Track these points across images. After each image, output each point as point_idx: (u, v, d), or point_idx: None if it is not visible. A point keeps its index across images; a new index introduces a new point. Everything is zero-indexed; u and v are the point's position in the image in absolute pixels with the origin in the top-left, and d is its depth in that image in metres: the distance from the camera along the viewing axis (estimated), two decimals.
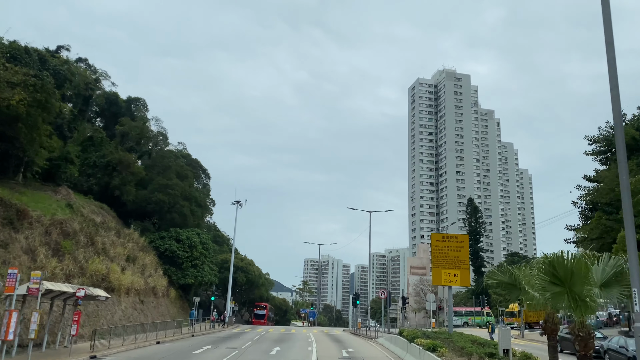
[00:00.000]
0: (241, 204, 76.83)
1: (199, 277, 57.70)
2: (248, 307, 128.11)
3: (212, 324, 51.36)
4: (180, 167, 65.94)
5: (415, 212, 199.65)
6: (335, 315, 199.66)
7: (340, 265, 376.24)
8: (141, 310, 39.51)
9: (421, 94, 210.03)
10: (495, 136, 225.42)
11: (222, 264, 77.47)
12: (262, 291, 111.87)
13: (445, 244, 28.60)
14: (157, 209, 57.76)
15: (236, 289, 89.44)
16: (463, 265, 28.19)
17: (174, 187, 59.16)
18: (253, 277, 79.76)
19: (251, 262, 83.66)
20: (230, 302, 73.87)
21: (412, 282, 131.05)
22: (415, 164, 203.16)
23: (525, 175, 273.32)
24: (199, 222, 62.95)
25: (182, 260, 56.55)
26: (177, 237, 57.14)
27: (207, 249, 60.36)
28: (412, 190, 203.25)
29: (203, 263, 58.77)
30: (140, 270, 43.62)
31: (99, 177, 56.36)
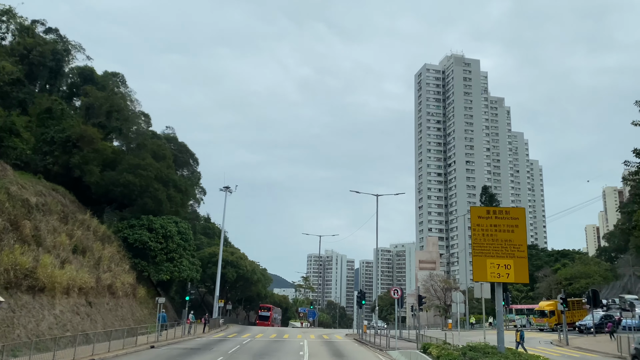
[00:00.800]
0: (230, 190, 68.25)
1: (176, 272, 49.04)
2: (245, 305, 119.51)
3: (188, 328, 42.76)
4: (158, 146, 57.26)
5: (422, 204, 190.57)
6: (339, 312, 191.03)
7: (344, 261, 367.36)
8: (87, 315, 30.82)
9: (428, 80, 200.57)
10: (505, 125, 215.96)
11: (210, 258, 68.95)
12: (259, 288, 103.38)
13: (492, 221, 19.44)
14: (125, 193, 49.07)
15: (228, 286, 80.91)
16: (519, 252, 19.14)
17: (146, 167, 50.45)
18: (245, 272, 71.16)
19: (243, 256, 75.02)
20: (218, 301, 65.33)
21: (421, 278, 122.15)
22: (423, 154, 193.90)
23: (535, 166, 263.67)
24: (178, 210, 54.29)
25: (155, 253, 47.90)
26: (149, 226, 48.48)
27: (187, 240, 51.68)
28: (419, 181, 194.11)
29: (181, 256, 50.09)
30: (92, 264, 34.96)
31: (57, 155, 47.77)
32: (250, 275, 77.53)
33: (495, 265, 19.53)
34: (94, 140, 47.47)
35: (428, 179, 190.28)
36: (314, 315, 73.11)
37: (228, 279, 69.95)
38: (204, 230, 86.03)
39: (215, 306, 64.94)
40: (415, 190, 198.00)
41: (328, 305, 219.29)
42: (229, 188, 68.41)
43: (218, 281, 65.01)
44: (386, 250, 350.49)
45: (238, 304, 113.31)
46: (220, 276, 69.89)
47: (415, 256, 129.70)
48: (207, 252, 69.96)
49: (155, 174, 51.50)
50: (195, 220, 73.98)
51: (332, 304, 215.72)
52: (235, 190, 68.74)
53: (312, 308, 75.44)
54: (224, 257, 69.17)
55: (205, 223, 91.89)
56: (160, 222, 48.90)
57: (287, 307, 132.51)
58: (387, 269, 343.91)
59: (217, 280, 65.01)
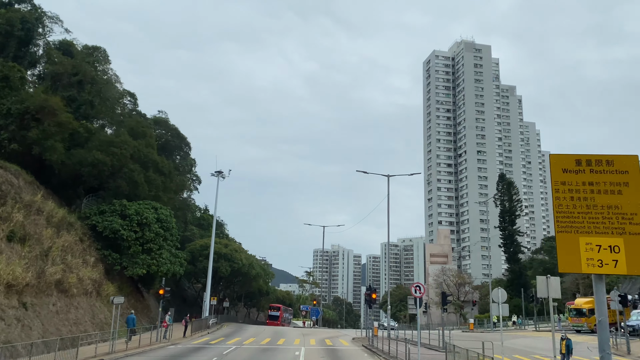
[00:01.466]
0: (223, 175, 61.31)
1: (154, 266, 42.03)
2: (245, 302, 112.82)
3: (164, 332, 35.77)
4: (137, 122, 50.24)
5: (432, 195, 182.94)
6: (345, 308, 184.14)
7: (351, 256, 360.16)
8: (17, 320, 23.81)
9: (437, 67, 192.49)
10: (517, 114, 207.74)
11: (202, 251, 62.00)
12: (260, 283, 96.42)
13: (586, 177, 11.37)
14: (95, 174, 42.05)
15: (223, 281, 74.06)
16: (632, 225, 10.76)
17: (120, 145, 43.44)
18: (240, 266, 64.13)
19: (239, 248, 67.93)
20: (210, 298, 58.43)
21: (432, 272, 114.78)
22: (432, 144, 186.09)
23: (547, 158, 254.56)
24: (159, 194, 47.22)
25: (128, 244, 40.90)
26: (122, 212, 41.48)
27: (168, 228, 44.63)
28: (429, 172, 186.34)
29: (161, 247, 43.05)
30: (35, 255, 27.95)
31: (14, 129, 40.82)
32: (248, 269, 70.51)
33: (594, 247, 11.07)
34: (56, 112, 40.42)
35: (438, 170, 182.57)
36: (318, 314, 66.14)
37: (221, 273, 63.00)
38: (199, 222, 79.10)
39: (206, 304, 58.04)
40: (424, 181, 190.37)
41: (334, 301, 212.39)
42: (221, 173, 61.47)
43: (209, 276, 58.10)
44: (394, 245, 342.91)
45: (238, 301, 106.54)
46: (214, 271, 62.98)
47: (426, 249, 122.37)
48: (199, 245, 63.04)
49: (131, 153, 44.49)
50: (185, 210, 67.06)
51: (338, 299, 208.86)
52: (228, 175, 61.85)
53: (315, 307, 68.40)
54: (217, 250, 62.21)
55: (201, 214, 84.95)
56: (135, 208, 41.88)
57: (290, 303, 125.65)
58: (395, 263, 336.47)
59: (209, 275, 58.10)
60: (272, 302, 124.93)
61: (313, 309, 66.64)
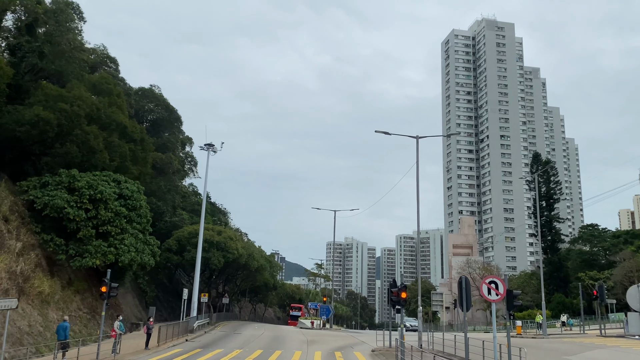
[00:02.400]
0: (215, 149, 51.52)
1: (111, 255, 32.29)
2: (250, 297, 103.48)
3: (114, 345, 26.05)
4: (101, 77, 40.51)
5: (451, 184, 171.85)
6: (360, 303, 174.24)
7: (365, 249, 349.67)
8: None
9: (457, 47, 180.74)
10: (540, 98, 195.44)
11: (190, 239, 52.40)
12: (266, 277, 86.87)
13: None
14: (35, 136, 32.46)
15: (215, 274, 64.54)
16: None
17: (72, 100, 33.78)
18: (236, 257, 54.28)
19: (235, 236, 57.99)
20: (200, 295, 48.87)
21: (456, 265, 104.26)
22: (451, 129, 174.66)
23: (571, 145, 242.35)
24: (125, 165, 37.49)
25: (77, 225, 31.29)
26: (70, 185, 31.86)
27: (135, 207, 34.88)
28: (448, 159, 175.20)
29: (122, 232, 33.34)
30: None
31: None
32: (247, 260, 60.80)
33: None
34: None
35: (458, 156, 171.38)
36: (328, 313, 56.28)
37: (213, 265, 53.24)
38: (193, 208, 69.44)
39: (193, 301, 48.44)
40: (443, 169, 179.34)
41: (348, 295, 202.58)
42: (212, 146, 51.66)
43: (197, 269, 48.42)
44: (409, 237, 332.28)
45: (241, 296, 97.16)
46: (204, 262, 53.37)
47: (449, 240, 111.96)
48: (187, 232, 53.39)
49: (88, 112, 34.81)
50: (174, 192, 57.46)
51: (352, 294, 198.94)
52: (220, 149, 52.02)
53: (326, 305, 58.49)
54: (208, 238, 52.54)
55: (196, 198, 75.28)
56: (87, 180, 32.18)
57: (300, 298, 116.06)
58: (411, 256, 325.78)
59: (197, 268, 48.42)
60: (280, 296, 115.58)
61: (323, 307, 56.85)
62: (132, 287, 51.62)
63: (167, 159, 56.11)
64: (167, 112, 63.83)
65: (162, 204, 55.17)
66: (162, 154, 56.73)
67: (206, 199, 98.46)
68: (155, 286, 63.25)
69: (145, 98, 64.35)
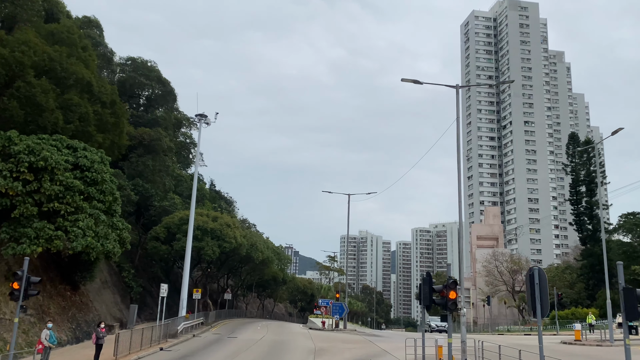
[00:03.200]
0: (208, 120, 44.21)
1: (58, 240, 24.94)
2: (259, 292, 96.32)
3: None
4: (62, 27, 33.09)
5: (472, 173, 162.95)
6: (375, 298, 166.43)
7: (379, 242, 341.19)
8: None
9: (477, 29, 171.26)
10: (565, 84, 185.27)
11: (180, 226, 45.08)
12: (274, 270, 79.74)
13: None
14: None
15: (216, 267, 57.33)
16: None
17: (13, 45, 26.48)
18: (234, 246, 46.74)
19: (234, 223, 50.24)
20: (187, 290, 41.62)
21: (481, 258, 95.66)
22: (472, 115, 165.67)
23: (596, 133, 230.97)
24: (87, 131, 30.11)
25: (11, 202, 24.02)
26: (4, 149, 24.57)
27: (95, 182, 27.47)
28: (468, 147, 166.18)
29: (77, 211, 26.01)
30: None
31: None
32: (250, 251, 53.44)
33: None
34: None
35: (479, 144, 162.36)
36: (342, 312, 48.65)
37: (207, 256, 45.73)
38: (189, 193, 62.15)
39: (182, 299, 41.22)
40: (463, 157, 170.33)
41: (363, 290, 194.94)
42: (205, 117, 44.30)
43: (187, 261, 41.17)
44: (425, 230, 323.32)
45: (248, 291, 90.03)
46: (196, 252, 46.04)
47: (472, 231, 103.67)
48: (177, 218, 46.06)
49: (36, 61, 27.48)
50: (164, 173, 50.09)
51: (367, 288, 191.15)
52: (214, 121, 44.57)
53: (338, 300, 50.87)
54: (200, 224, 45.16)
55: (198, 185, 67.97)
56: (28, 143, 24.86)
57: (312, 293, 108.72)
58: (427, 250, 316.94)
59: (186, 259, 41.18)
60: (291, 291, 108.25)
61: (336, 305, 49.27)
62: (113, 281, 44.56)
63: (155, 135, 48.79)
64: (160, 85, 56.53)
65: (151, 187, 47.93)
66: (149, 130, 49.45)
67: (210, 187, 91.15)
68: (148, 280, 56.21)
69: (137, 71, 57.09)
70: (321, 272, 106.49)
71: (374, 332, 48.35)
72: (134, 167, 48.04)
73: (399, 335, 42.77)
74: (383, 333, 48.66)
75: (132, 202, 44.91)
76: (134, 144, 48.62)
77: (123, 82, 56.01)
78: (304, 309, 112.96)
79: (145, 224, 51.16)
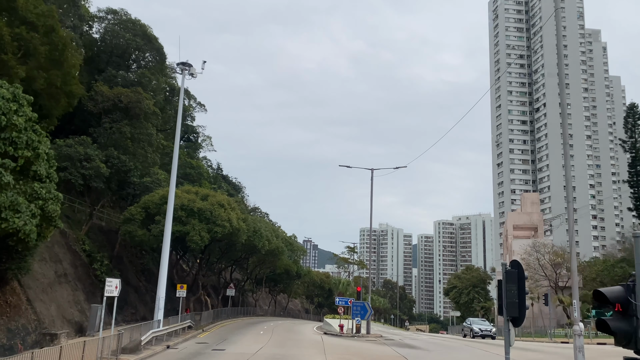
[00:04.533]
0: (192, 71, 34.85)
1: None
2: (271, 287, 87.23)
3: None
4: None
5: (502, 160, 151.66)
6: (398, 293, 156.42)
7: (400, 235, 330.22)
8: None
9: (507, 5, 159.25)
10: (601, 65, 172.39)
11: (161, 205, 35.92)
12: (286, 262, 70.59)
13: None
14: None
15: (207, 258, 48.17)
16: None
17: None
18: (228, 231, 37.18)
19: (229, 204, 40.24)
20: (164, 285, 32.50)
21: (519, 249, 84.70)
22: (502, 97, 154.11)
23: None
24: (4, 63, 20.87)
25: None
26: None
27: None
28: (498, 132, 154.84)
29: None
30: None
31: None
32: (253, 238, 44.11)
33: None
34: None
35: (509, 128, 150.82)
36: (365, 313, 38.97)
37: (193, 243, 36.19)
38: (185, 172, 53.05)
39: (159, 297, 32.05)
40: (492, 143, 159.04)
41: (384, 285, 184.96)
42: (189, 67, 34.94)
43: (166, 248, 31.97)
44: (448, 223, 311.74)
45: (258, 285, 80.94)
46: (180, 239, 36.79)
47: (507, 220, 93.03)
48: (158, 196, 36.82)
49: None
50: (145, 142, 40.82)
51: (389, 283, 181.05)
52: (201, 72, 35.17)
53: (358, 300, 41.13)
54: (185, 203, 35.88)
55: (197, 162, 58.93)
56: None
57: (330, 288, 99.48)
58: (450, 244, 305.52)
59: (165, 247, 31.98)
60: (307, 286, 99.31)
61: (357, 305, 39.70)
62: (77, 274, 35.64)
63: (134, 96, 39.59)
64: (144, 41, 47.33)
65: (129, 159, 38.79)
66: (127, 90, 40.31)
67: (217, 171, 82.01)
68: (136, 273, 47.35)
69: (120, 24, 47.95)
70: (339, 265, 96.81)
71: (404, 339, 38.62)
72: (108, 135, 39.03)
73: (438, 345, 33.04)
74: (417, 340, 38.87)
75: (103, 176, 35.87)
76: (107, 106, 39.63)
77: (102, 38, 47.12)
78: (321, 305, 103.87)
79: (123, 205, 42.24)
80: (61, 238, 35.04)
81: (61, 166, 35.23)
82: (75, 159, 34.71)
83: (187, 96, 73.61)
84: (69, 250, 35.63)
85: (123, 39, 46.72)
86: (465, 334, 47.97)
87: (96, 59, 46.03)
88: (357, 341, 33.99)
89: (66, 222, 37.99)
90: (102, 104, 39.52)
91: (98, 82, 40.74)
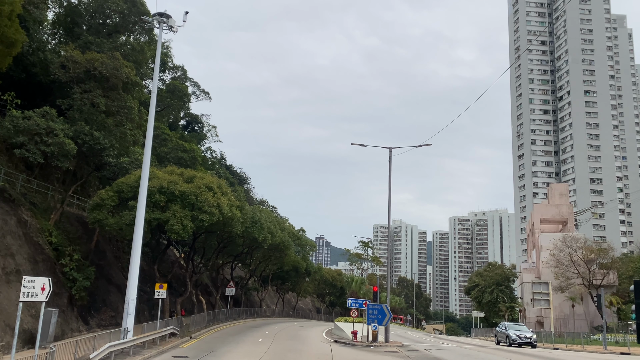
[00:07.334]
0: (172, 23, 28.66)
1: None
2: (278, 285, 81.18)
3: None
4: None
5: (523, 151, 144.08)
6: (415, 291, 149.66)
7: (415, 232, 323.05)
8: None
9: None
10: (627, 52, 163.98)
11: (137, 189, 29.78)
12: (294, 258, 64.54)
13: None
14: None
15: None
16: None
17: None
18: (217, 219, 30.75)
19: (218, 188, 33.39)
20: (134, 285, 26.46)
21: (548, 244, 77.66)
22: (522, 87, 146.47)
23: None
24: None
25: None
26: None
27: None
28: (518, 122, 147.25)
29: None
30: None
31: None
32: (252, 229, 38.02)
33: None
34: None
35: (531, 118, 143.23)
36: (383, 317, 32.61)
37: (174, 235, 29.96)
38: (179, 158, 47.01)
39: (129, 299, 25.99)
40: (513, 134, 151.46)
41: (399, 283, 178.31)
42: (168, 18, 28.83)
43: (138, 238, 25.96)
44: (464, 219, 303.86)
45: (264, 283, 74.92)
46: (160, 229, 30.65)
47: (534, 213, 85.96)
48: (134, 178, 30.73)
49: None
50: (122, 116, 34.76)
51: (404, 281, 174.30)
52: (183, 25, 29.05)
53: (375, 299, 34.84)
54: (165, 186, 29.80)
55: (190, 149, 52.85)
56: None
57: (342, 286, 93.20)
58: (466, 240, 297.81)
59: (136, 236, 25.97)
60: (317, 283, 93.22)
61: (373, 307, 33.45)
62: (38, 271, 29.82)
63: (111, 63, 33.55)
64: (128, 3, 41.30)
65: (103, 136, 32.76)
66: (103, 55, 34.30)
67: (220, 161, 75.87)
68: (122, 270, 41.40)
69: None
70: (352, 262, 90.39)
71: (430, 349, 32.14)
72: (78, 107, 33.06)
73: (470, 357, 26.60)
74: (447, 350, 32.32)
75: (69, 154, 29.94)
76: (78, 74, 33.67)
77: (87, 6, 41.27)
78: (334, 304, 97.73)
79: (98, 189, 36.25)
80: (17, 227, 29.12)
81: (17, 142, 29.55)
82: (34, 132, 28.84)
83: (189, 82, 67.94)
84: (28, 242, 29.72)
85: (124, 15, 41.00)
86: (499, 340, 41.39)
87: (72, 24, 40.19)
88: (375, 354, 27.63)
89: (30, 209, 32.20)
90: (73, 72, 33.60)
91: (68, 45, 34.80)
